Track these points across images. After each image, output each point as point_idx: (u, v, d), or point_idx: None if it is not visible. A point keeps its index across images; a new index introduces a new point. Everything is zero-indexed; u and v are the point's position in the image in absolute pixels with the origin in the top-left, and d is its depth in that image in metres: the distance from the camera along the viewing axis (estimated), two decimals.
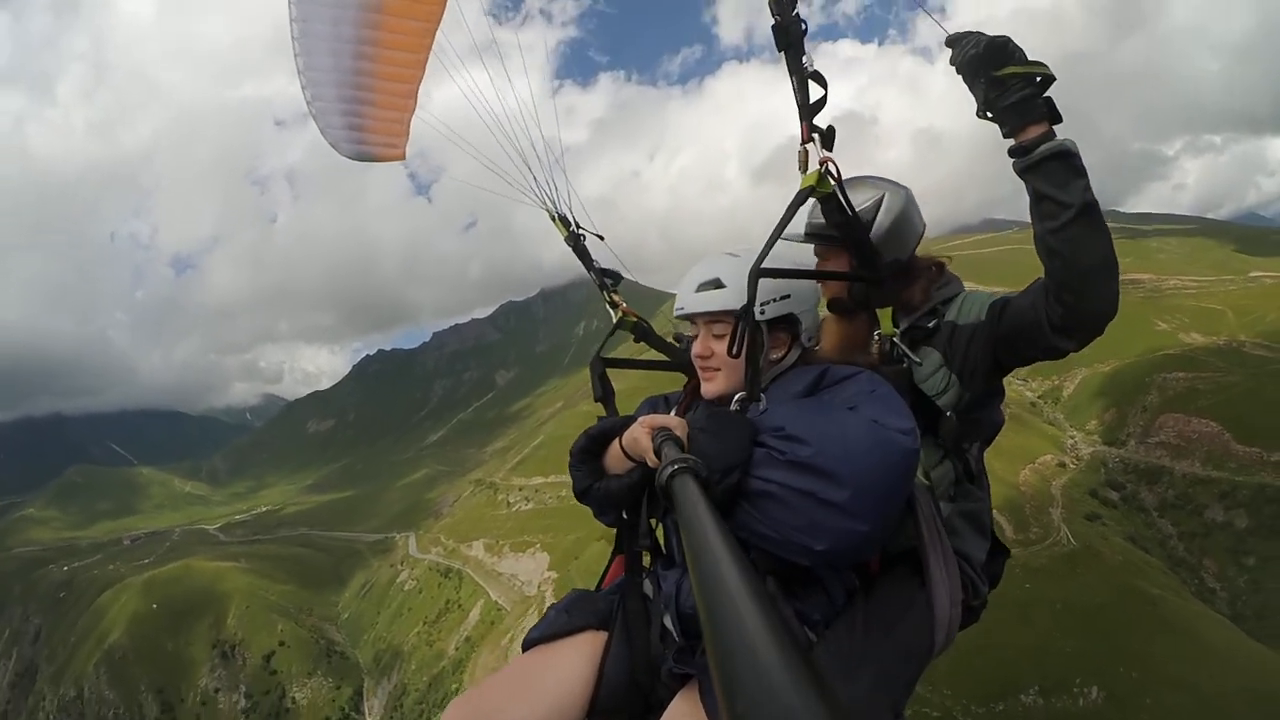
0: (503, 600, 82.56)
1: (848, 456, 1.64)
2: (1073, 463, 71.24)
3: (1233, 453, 65.26)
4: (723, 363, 2.04)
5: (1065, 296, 2.05)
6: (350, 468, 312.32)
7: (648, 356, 3.00)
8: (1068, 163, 1.94)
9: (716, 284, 2.04)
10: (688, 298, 2.10)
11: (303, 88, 3.37)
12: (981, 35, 1.96)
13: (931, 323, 2.46)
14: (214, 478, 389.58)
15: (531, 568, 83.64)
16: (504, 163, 3.18)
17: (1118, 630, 41.12)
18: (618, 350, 2.82)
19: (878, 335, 2.36)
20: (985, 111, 2.01)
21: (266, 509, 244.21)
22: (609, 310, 3.07)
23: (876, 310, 2.36)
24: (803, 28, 2.06)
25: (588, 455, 2.07)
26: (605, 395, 2.63)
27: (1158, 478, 68.08)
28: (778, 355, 2.11)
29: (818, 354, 2.20)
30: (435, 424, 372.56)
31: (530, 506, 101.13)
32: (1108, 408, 78.43)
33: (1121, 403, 77.13)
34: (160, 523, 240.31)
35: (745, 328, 1.91)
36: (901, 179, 2.56)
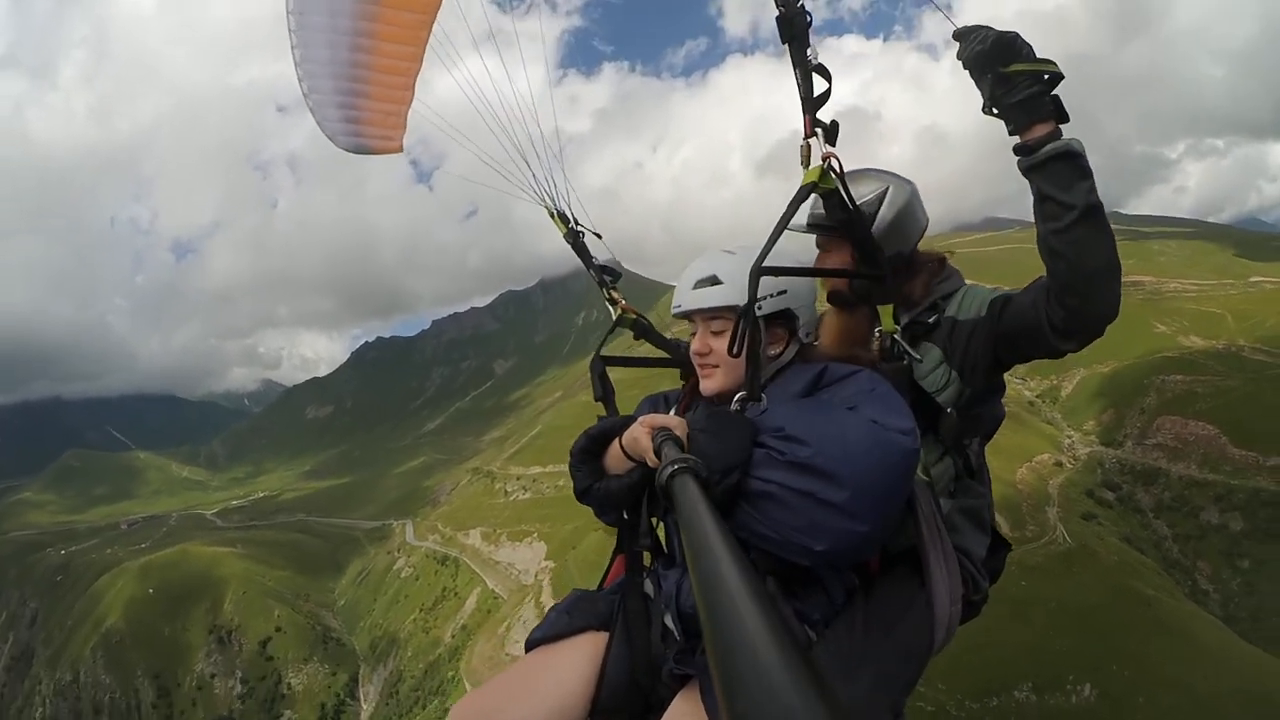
0: (499, 589, 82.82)
1: (847, 457, 1.64)
2: (1070, 462, 71.39)
3: (1229, 456, 65.51)
4: (721, 360, 2.03)
5: (1067, 298, 2.03)
6: (348, 454, 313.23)
7: (644, 354, 2.98)
8: (1073, 163, 1.92)
9: (713, 280, 2.03)
10: (685, 295, 2.09)
11: (299, 80, 3.35)
12: (990, 30, 1.93)
13: (932, 318, 2.43)
14: (212, 463, 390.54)
15: (529, 557, 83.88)
16: (502, 158, 3.16)
17: (1112, 629, 41.25)
18: (617, 347, 2.79)
19: (878, 331, 2.31)
20: (991, 108, 1.99)
21: (264, 495, 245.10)
22: (609, 308, 3.05)
23: (878, 306, 2.33)
24: (808, 20, 2.04)
25: (588, 455, 2.07)
26: (606, 395, 2.61)
27: (1154, 479, 68.31)
28: (776, 351, 2.09)
29: (817, 349, 2.19)
30: (433, 412, 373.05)
31: (528, 496, 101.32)
32: (1106, 408, 78.61)
33: (1120, 404, 77.31)
34: (157, 507, 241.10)
35: (747, 326, 1.90)
36: (904, 175, 2.53)
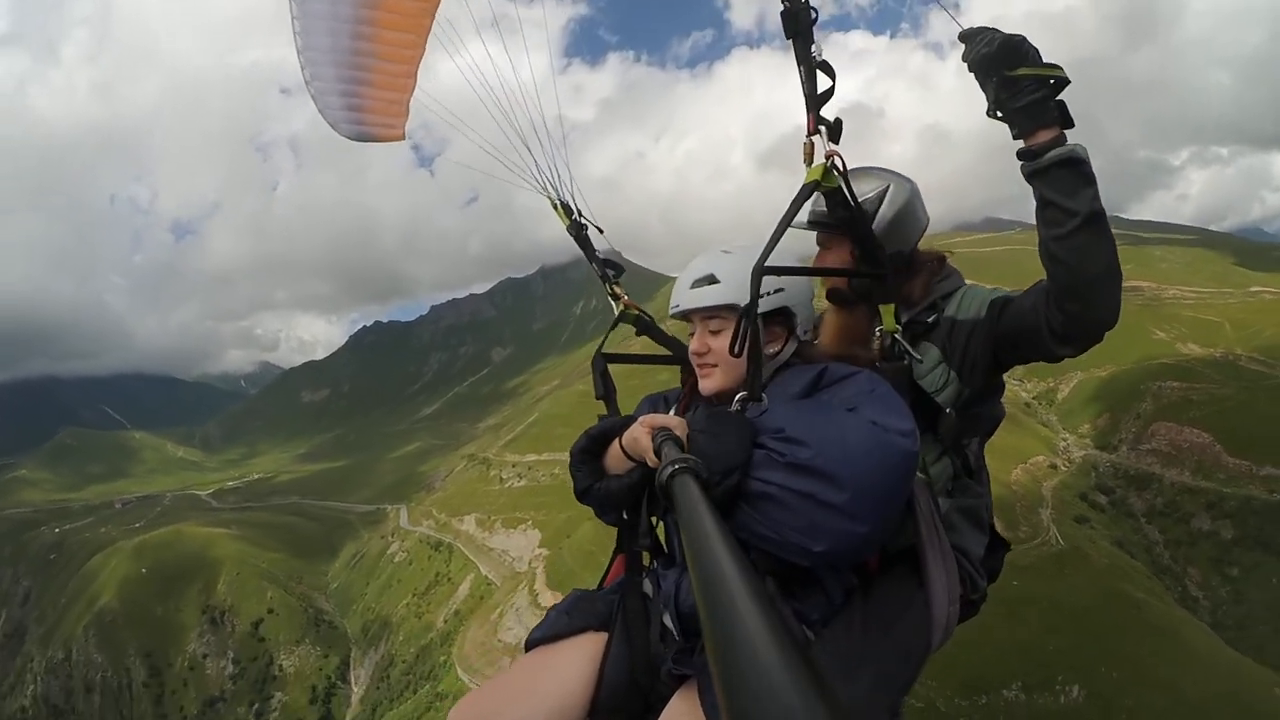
0: (493, 575, 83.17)
1: (847, 459, 1.64)
2: (1064, 465, 71.58)
3: (1223, 464, 65.66)
4: (719, 359, 2.03)
5: (1067, 304, 2.02)
6: (343, 438, 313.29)
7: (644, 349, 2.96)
8: (1077, 170, 1.91)
9: (711, 280, 2.03)
10: (682, 295, 2.09)
11: (301, 67, 3.34)
12: (996, 32, 1.91)
13: (931, 317, 2.43)
14: (207, 444, 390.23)
15: (523, 544, 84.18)
16: (505, 146, 3.12)
17: (1102, 631, 41.45)
18: (617, 344, 2.78)
19: (879, 330, 2.29)
20: (995, 111, 1.98)
21: (259, 476, 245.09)
22: (610, 302, 3.02)
23: (879, 306, 2.32)
24: (813, 16, 2.01)
25: (588, 455, 2.06)
26: (607, 392, 2.59)
27: (1147, 484, 68.49)
28: (774, 349, 2.09)
29: (816, 347, 2.18)
30: (429, 397, 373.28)
31: (523, 483, 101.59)
32: (1101, 412, 78.71)
33: (1115, 408, 77.41)
34: (152, 487, 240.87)
35: (748, 325, 1.88)
36: (905, 173, 2.52)
